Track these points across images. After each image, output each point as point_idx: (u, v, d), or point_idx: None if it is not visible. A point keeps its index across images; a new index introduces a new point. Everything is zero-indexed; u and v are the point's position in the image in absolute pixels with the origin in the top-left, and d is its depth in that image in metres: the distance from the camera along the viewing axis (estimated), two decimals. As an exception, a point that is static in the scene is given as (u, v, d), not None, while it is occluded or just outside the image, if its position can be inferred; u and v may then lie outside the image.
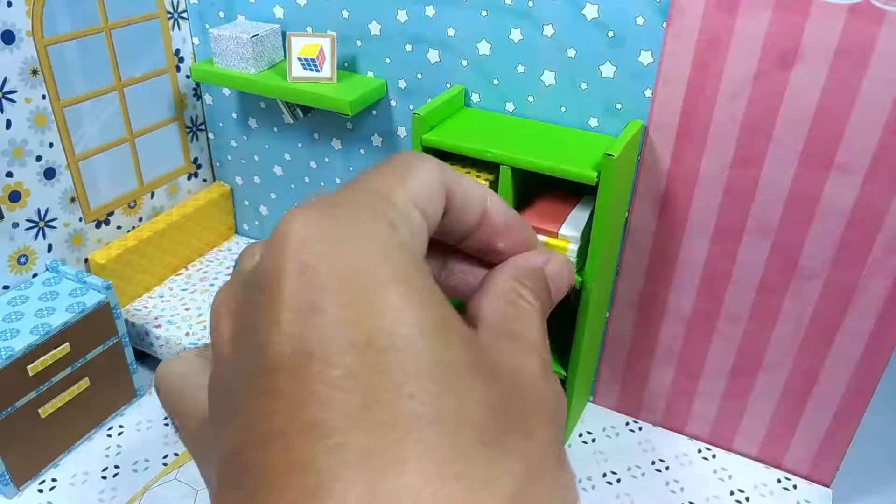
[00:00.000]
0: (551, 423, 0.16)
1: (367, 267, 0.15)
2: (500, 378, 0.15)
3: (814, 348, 1.10)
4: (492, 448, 0.14)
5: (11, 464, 1.15)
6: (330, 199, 0.16)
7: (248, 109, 1.46)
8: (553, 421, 0.16)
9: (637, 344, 1.25)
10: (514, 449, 0.14)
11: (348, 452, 0.13)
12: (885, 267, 1.00)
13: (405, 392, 0.14)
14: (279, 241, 0.15)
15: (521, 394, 0.16)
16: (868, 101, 0.91)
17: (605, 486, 1.19)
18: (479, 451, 0.14)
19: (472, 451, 0.14)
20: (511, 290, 0.18)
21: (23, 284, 1.24)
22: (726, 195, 1.05)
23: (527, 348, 0.17)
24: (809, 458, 1.20)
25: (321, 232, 0.15)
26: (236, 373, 0.15)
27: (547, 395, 0.16)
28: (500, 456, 0.14)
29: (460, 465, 0.13)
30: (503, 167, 1.02)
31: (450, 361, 0.15)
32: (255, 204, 1.59)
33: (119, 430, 1.31)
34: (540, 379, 0.17)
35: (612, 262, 1.15)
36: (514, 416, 0.15)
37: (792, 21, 0.90)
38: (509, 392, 0.15)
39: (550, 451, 0.15)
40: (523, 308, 0.18)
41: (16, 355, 1.09)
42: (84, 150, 1.29)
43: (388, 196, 0.17)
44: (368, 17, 1.20)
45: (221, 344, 0.16)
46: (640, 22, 0.99)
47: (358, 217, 0.16)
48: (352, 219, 0.16)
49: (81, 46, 1.24)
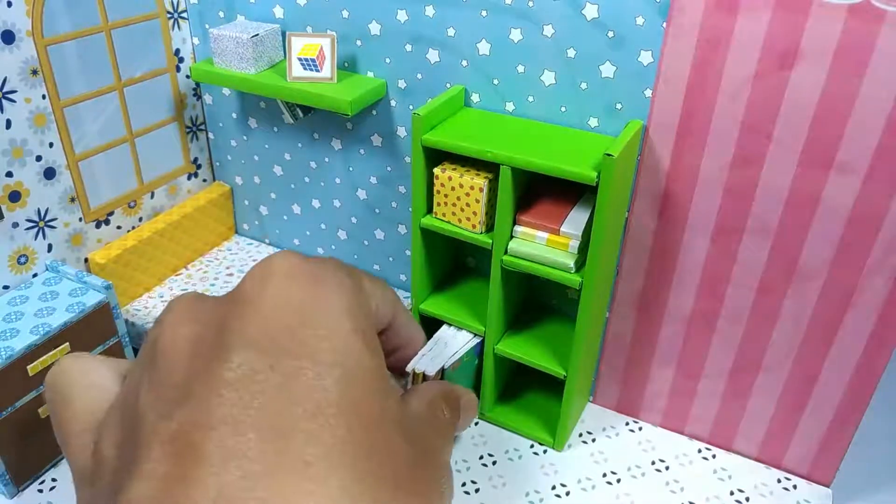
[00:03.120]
0: (449, 499, 0.18)
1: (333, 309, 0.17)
2: (416, 446, 0.18)
3: (814, 348, 1.10)
4: (399, 494, 0.16)
5: (11, 464, 1.15)
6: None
7: (248, 109, 1.46)
8: (450, 497, 0.19)
9: (637, 344, 1.25)
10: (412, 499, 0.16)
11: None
12: (885, 267, 1.00)
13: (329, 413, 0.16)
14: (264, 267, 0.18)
15: (430, 464, 0.18)
16: (868, 101, 0.91)
17: (605, 486, 1.19)
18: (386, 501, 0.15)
19: (378, 492, 0.15)
20: (434, 403, 0.21)
21: (23, 284, 1.24)
22: (726, 195, 1.05)
23: (440, 440, 0.20)
24: (809, 458, 1.20)
25: (301, 271, 0.18)
26: (198, 369, 0.16)
27: (447, 480, 0.19)
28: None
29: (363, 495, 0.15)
30: (503, 167, 1.02)
31: (386, 408, 0.17)
32: (255, 204, 1.59)
33: (119, 430, 1.31)
34: (447, 465, 0.19)
35: (612, 262, 1.15)
36: (422, 480, 0.17)
37: (792, 21, 0.90)
38: (423, 458, 0.18)
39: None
40: (442, 418, 0.21)
41: (16, 355, 1.09)
42: (84, 150, 1.29)
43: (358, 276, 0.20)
44: (368, 17, 1.20)
45: (178, 340, 0.17)
46: (640, 22, 0.99)
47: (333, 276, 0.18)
48: (327, 274, 0.18)
49: (81, 46, 1.24)
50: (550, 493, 1.19)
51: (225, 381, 0.15)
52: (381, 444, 0.16)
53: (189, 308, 0.18)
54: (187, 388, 0.16)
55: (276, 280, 0.17)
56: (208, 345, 0.16)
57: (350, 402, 0.16)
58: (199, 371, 0.16)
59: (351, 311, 0.17)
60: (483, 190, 1.07)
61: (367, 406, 0.16)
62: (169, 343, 0.17)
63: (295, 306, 0.16)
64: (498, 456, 1.25)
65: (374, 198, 1.40)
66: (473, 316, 1.22)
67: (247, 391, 0.15)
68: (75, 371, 0.20)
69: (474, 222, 1.10)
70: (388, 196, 1.38)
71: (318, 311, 0.16)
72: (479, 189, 1.07)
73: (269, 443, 0.15)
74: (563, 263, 1.05)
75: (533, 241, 1.08)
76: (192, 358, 0.16)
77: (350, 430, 0.15)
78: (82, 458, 0.18)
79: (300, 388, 0.15)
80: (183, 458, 0.14)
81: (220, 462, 0.14)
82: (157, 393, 0.16)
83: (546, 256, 1.06)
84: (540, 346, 1.21)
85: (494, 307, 1.17)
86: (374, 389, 0.17)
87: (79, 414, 0.19)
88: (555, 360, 1.19)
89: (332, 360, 0.16)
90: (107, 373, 0.20)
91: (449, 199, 1.10)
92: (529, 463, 1.24)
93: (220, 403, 0.15)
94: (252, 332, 0.16)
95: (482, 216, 1.09)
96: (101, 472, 0.17)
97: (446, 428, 0.20)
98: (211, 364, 0.16)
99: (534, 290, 1.31)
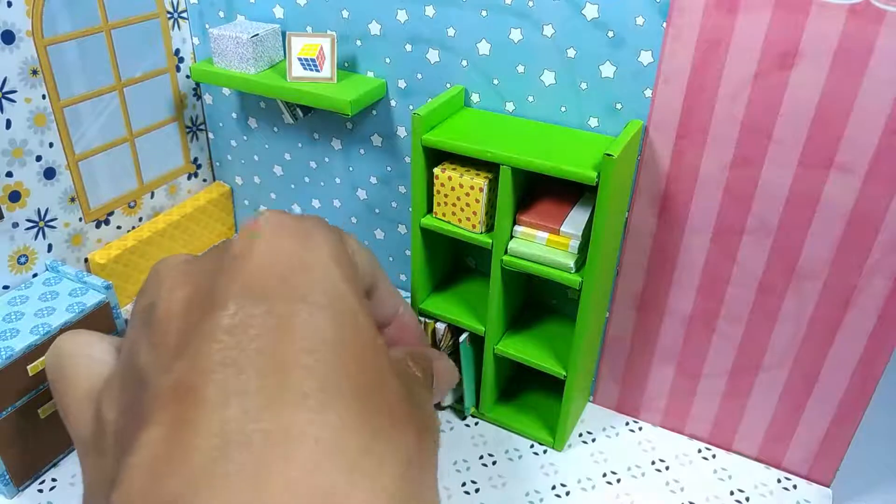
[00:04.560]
0: (437, 435, 0.19)
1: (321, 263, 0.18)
2: (404, 386, 0.18)
3: (814, 348, 1.10)
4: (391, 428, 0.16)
5: (11, 464, 1.15)
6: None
7: (248, 109, 1.46)
8: (437, 433, 0.19)
9: (637, 344, 1.25)
10: (405, 435, 0.16)
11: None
12: (885, 267, 1.00)
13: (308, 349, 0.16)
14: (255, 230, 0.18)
15: (418, 402, 0.19)
16: (868, 101, 0.91)
17: (605, 486, 1.19)
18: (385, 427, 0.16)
19: (374, 421, 0.16)
20: (402, 360, 0.21)
21: (23, 284, 1.24)
22: (726, 195, 1.05)
23: (422, 390, 0.20)
24: (809, 458, 1.20)
25: (288, 225, 0.18)
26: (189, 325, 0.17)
27: (434, 416, 0.19)
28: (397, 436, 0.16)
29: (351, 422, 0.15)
30: (503, 167, 1.02)
31: (378, 347, 0.17)
32: (255, 204, 1.59)
33: (119, 430, 1.31)
34: (431, 410, 0.20)
35: (612, 262, 1.15)
36: (415, 415, 0.18)
37: (792, 21, 0.90)
38: (409, 393, 0.18)
39: (433, 457, 0.18)
40: (413, 374, 0.21)
41: (16, 355, 1.09)
42: (84, 150, 1.29)
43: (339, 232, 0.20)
44: (368, 17, 1.20)
45: (174, 303, 0.18)
46: (640, 22, 0.99)
47: (317, 228, 0.19)
48: (313, 228, 0.19)
49: (81, 46, 1.24)
50: (550, 493, 1.19)
51: (222, 327, 0.16)
52: (376, 379, 0.17)
53: (182, 271, 0.18)
54: (185, 341, 0.16)
55: (266, 235, 0.18)
56: (203, 299, 0.17)
57: (344, 339, 0.16)
58: (196, 323, 0.16)
59: (338, 260, 0.18)
60: (483, 190, 1.07)
61: (360, 342, 0.17)
62: (165, 306, 0.18)
63: (285, 256, 0.17)
64: (498, 456, 1.25)
65: (374, 198, 1.40)
66: (473, 316, 1.22)
67: (244, 335, 0.16)
68: (74, 344, 0.21)
69: (474, 222, 1.10)
70: (388, 196, 1.38)
71: (307, 259, 0.17)
72: (479, 189, 1.07)
73: (268, 377, 0.15)
74: (563, 263, 1.05)
75: (533, 241, 1.08)
76: (188, 314, 0.17)
77: (345, 364, 0.16)
78: (84, 427, 0.19)
79: (296, 328, 0.16)
80: (185, 402, 0.15)
81: (222, 400, 0.15)
82: (157, 352, 0.17)
83: (546, 256, 1.06)
84: (540, 346, 1.21)
85: (494, 307, 1.17)
86: (366, 327, 0.17)
87: (78, 384, 0.20)
88: (555, 360, 1.19)
89: (324, 303, 0.17)
90: (105, 346, 0.21)
91: (449, 199, 1.10)
92: (529, 463, 1.24)
93: (218, 349, 0.16)
94: (245, 282, 0.17)
95: (482, 216, 1.09)
96: (105, 436, 0.18)
97: (422, 385, 0.21)
98: (206, 315, 0.16)
99: (534, 290, 1.31)
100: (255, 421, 0.14)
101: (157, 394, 0.16)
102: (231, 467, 0.14)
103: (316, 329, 0.16)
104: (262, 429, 0.14)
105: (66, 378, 0.20)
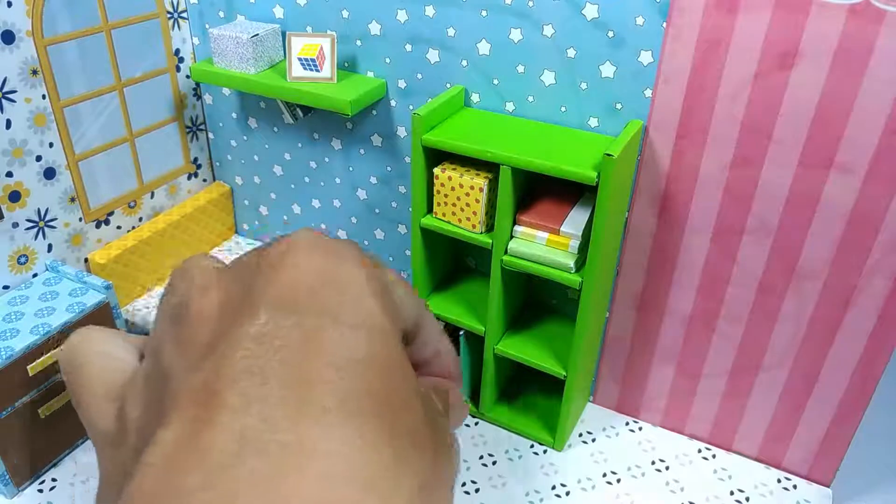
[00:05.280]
0: (456, 458, 0.19)
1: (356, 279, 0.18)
2: (428, 412, 0.18)
3: (814, 348, 1.10)
4: (412, 445, 0.16)
5: (11, 464, 1.15)
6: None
7: (248, 109, 1.46)
8: (455, 456, 0.19)
9: (637, 344, 1.25)
10: (423, 459, 0.17)
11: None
12: (885, 267, 1.00)
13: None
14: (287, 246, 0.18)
15: (441, 428, 0.19)
16: (868, 101, 0.91)
17: (605, 486, 1.19)
18: (405, 448, 0.16)
19: (396, 442, 0.16)
20: (427, 391, 0.21)
21: (23, 284, 1.24)
22: (726, 195, 1.05)
23: (443, 419, 0.21)
24: (809, 458, 1.20)
25: (323, 244, 0.18)
26: (223, 328, 0.17)
27: (452, 438, 0.20)
28: (418, 453, 0.16)
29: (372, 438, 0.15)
30: (503, 167, 1.02)
31: (406, 369, 0.18)
32: (255, 204, 1.59)
33: (119, 430, 1.31)
34: (450, 434, 0.20)
35: (612, 262, 1.15)
36: (438, 440, 0.18)
37: (792, 21, 0.90)
38: (431, 420, 0.18)
39: (446, 475, 0.18)
40: (435, 406, 0.21)
41: (16, 355, 1.09)
42: (84, 150, 1.29)
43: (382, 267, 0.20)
44: (368, 17, 1.20)
45: (206, 304, 0.18)
46: (640, 22, 0.99)
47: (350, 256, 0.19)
48: (347, 251, 0.19)
49: (81, 46, 1.24)
50: (550, 493, 1.19)
51: (250, 336, 0.16)
52: (401, 401, 0.17)
53: (215, 274, 0.19)
54: (213, 344, 0.17)
55: (299, 250, 0.18)
56: (235, 306, 0.17)
57: (373, 358, 0.17)
58: (226, 329, 0.17)
59: (370, 283, 0.18)
60: (483, 190, 1.07)
61: (389, 364, 0.17)
62: (197, 307, 0.18)
63: (318, 271, 0.18)
64: (498, 456, 1.25)
65: (374, 198, 1.40)
66: (473, 316, 1.22)
67: (270, 346, 0.16)
68: (91, 340, 0.21)
69: (474, 222, 1.10)
70: (388, 196, 1.38)
71: (340, 277, 0.18)
72: (479, 189, 1.07)
73: (290, 389, 0.15)
74: (563, 263, 1.05)
75: (533, 241, 1.08)
76: (220, 319, 0.17)
77: (371, 384, 0.16)
78: (104, 423, 0.19)
79: (323, 343, 0.16)
80: (207, 404, 0.15)
81: (243, 407, 0.15)
82: (185, 351, 0.17)
83: (546, 256, 1.06)
84: (540, 346, 1.21)
85: (494, 307, 1.17)
86: (396, 349, 0.18)
87: (95, 379, 0.20)
88: (555, 360, 1.19)
89: (356, 322, 0.17)
90: (121, 342, 0.21)
91: (449, 199, 1.10)
92: (529, 463, 1.24)
93: (244, 356, 0.16)
94: (278, 292, 0.17)
95: (482, 216, 1.09)
96: (127, 432, 0.18)
97: (442, 416, 0.21)
98: (237, 322, 0.17)
99: (534, 290, 1.31)
100: (273, 431, 0.15)
101: (181, 393, 0.16)
102: (245, 472, 0.14)
103: (345, 346, 0.16)
104: (280, 439, 0.15)
105: (83, 375, 0.20)
